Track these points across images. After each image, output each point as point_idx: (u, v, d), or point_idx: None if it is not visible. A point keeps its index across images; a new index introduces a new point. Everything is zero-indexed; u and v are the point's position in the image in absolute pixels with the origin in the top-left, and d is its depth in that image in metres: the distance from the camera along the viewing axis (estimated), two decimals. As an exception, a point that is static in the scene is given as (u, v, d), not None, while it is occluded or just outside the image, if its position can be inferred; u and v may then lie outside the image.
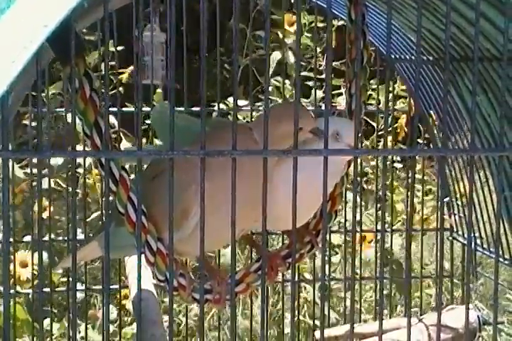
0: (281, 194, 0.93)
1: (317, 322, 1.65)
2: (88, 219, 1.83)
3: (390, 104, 1.53)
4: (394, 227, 1.79)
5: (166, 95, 1.99)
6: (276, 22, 1.83)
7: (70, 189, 1.50)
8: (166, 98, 1.76)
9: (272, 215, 0.78)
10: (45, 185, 1.57)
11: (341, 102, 2.07)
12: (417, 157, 1.68)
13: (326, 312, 1.50)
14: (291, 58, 2.03)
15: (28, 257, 1.69)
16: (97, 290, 1.79)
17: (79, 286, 1.64)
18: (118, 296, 1.74)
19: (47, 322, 1.66)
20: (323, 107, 1.75)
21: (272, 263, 1.05)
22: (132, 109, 1.59)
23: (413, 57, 1.51)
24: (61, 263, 1.22)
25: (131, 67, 2.05)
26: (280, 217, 0.90)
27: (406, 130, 1.92)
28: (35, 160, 1.47)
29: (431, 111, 1.53)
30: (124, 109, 1.63)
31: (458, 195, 1.58)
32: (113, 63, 1.65)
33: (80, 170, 1.91)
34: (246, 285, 1.03)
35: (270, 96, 2.10)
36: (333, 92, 2.10)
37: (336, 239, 1.96)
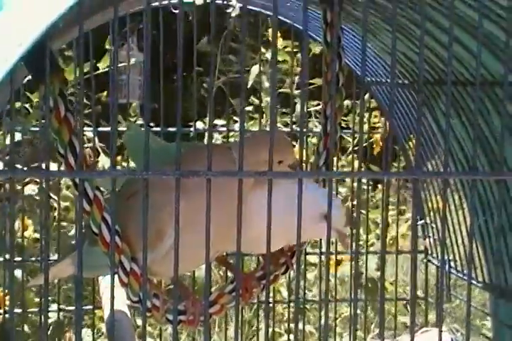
0: (256, 218, 0.93)
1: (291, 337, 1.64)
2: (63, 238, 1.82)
3: (366, 126, 1.54)
4: (370, 248, 1.79)
5: (142, 114, 1.99)
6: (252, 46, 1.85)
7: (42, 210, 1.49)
8: (143, 116, 1.76)
9: (247, 238, 0.78)
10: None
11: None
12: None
13: (302, 328, 1.49)
14: (266, 83, 2.04)
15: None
16: (71, 311, 1.77)
17: (53, 307, 1.62)
18: (92, 317, 1.72)
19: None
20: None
21: (247, 285, 1.05)
22: (108, 128, 1.58)
23: (388, 80, 1.52)
24: (33, 281, 1.21)
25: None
26: (255, 240, 0.90)
27: (381, 144, 1.93)
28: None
29: (411, 136, 1.54)
30: (100, 128, 1.63)
31: (432, 218, 1.59)
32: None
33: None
34: (220, 306, 1.03)
35: (250, 115, 2.11)
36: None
37: (313, 257, 1.96)
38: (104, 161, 1.97)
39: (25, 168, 1.34)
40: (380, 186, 2.35)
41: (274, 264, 1.08)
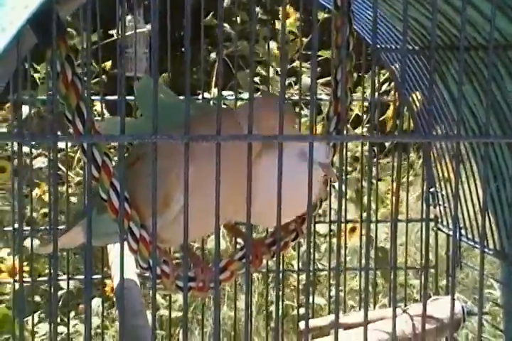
0: (262, 188, 0.92)
1: (302, 311, 1.64)
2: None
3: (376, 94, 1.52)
4: (379, 216, 1.79)
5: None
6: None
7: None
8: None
9: (255, 210, 0.77)
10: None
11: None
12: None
13: (312, 301, 1.49)
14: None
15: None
16: (81, 281, 1.78)
17: (63, 277, 1.62)
18: (102, 287, 1.73)
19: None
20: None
21: (257, 251, 1.04)
22: (115, 97, 1.57)
23: (398, 47, 1.50)
24: (43, 249, 1.21)
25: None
26: (263, 212, 0.89)
27: (391, 116, 1.92)
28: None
29: (416, 93, 1.52)
30: (107, 97, 1.62)
31: (443, 186, 1.58)
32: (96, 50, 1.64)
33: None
34: (230, 273, 1.02)
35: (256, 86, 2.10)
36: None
37: (322, 228, 1.96)
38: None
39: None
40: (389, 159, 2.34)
41: (284, 231, 1.08)
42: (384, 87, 2.02)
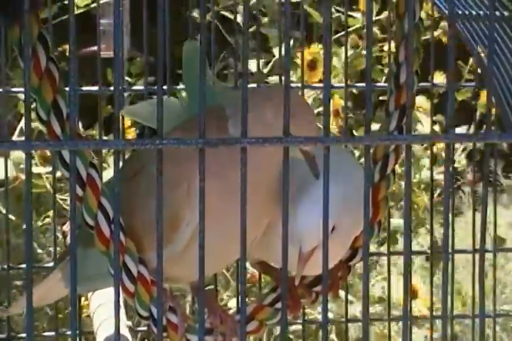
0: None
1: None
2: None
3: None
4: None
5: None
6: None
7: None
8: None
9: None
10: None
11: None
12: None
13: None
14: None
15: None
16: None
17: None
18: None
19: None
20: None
21: (293, 293, 1.07)
22: (95, 88, 1.60)
23: (481, 13, 1.53)
24: (13, 307, 1.22)
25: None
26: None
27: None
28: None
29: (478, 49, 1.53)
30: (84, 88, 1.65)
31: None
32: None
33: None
34: (259, 323, 1.05)
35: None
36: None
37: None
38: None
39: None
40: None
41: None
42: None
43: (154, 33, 0.78)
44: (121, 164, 0.84)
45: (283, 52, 0.97)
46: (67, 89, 0.83)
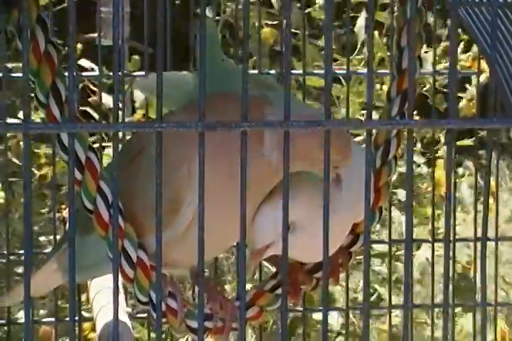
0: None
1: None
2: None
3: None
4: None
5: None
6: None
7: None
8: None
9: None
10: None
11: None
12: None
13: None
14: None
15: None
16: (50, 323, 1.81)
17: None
18: (79, 333, 1.76)
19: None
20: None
21: (294, 279, 1.06)
22: (95, 73, 1.61)
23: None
24: (3, 300, 1.22)
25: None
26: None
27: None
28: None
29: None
30: (85, 73, 1.66)
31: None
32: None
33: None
34: (259, 308, 1.05)
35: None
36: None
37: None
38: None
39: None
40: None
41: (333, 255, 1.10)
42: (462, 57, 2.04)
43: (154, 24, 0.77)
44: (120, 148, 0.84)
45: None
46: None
